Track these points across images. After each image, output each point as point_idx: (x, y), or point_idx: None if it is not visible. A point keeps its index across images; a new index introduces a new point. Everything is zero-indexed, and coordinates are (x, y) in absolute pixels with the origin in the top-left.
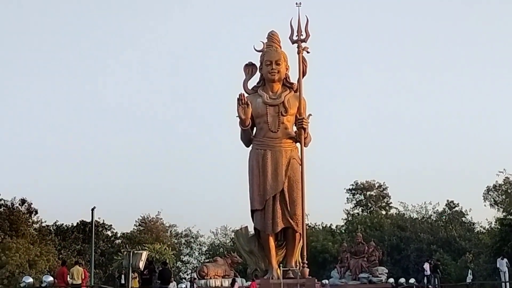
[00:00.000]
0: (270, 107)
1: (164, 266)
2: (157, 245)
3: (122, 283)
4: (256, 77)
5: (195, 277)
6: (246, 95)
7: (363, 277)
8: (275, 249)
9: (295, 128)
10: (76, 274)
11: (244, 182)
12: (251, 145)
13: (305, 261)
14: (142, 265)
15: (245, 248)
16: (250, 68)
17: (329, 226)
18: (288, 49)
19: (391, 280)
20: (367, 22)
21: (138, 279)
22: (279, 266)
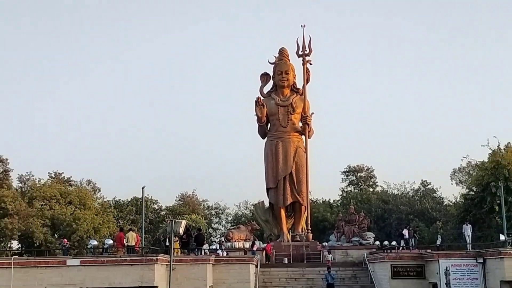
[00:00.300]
0: (281, 107)
1: (199, 231)
2: (193, 215)
3: (166, 245)
4: (270, 84)
5: (223, 240)
6: (262, 98)
7: (355, 240)
8: (286, 218)
9: (301, 124)
10: (131, 238)
11: (260, 166)
12: (266, 137)
13: (309, 228)
14: (181, 231)
15: (262, 218)
16: (265, 77)
17: (327, 201)
18: (295, 61)
19: (377, 242)
20: (356, 41)
21: (178, 242)
22: (288, 232)
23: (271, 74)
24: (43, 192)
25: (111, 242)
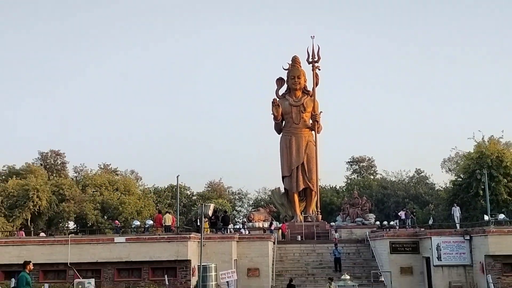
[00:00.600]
0: (294, 107)
1: (225, 213)
2: (219, 200)
3: (197, 225)
4: (284, 87)
5: (245, 221)
6: (277, 99)
7: (358, 220)
8: (298, 202)
9: (311, 121)
10: (168, 219)
11: (276, 158)
12: (281, 133)
13: (318, 210)
14: (210, 213)
15: (278, 202)
16: (280, 81)
17: (334, 187)
18: (306, 67)
19: (377, 222)
20: (357, 47)
21: (208, 222)
22: (301, 213)
23: (285, 79)
24: (94, 180)
25: (151, 222)
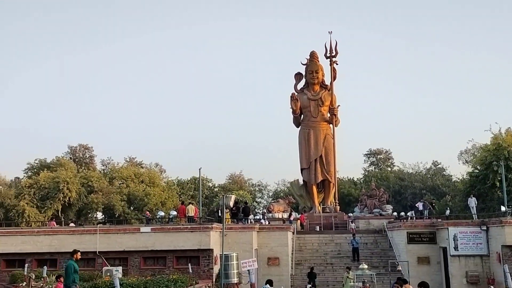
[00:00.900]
0: (312, 101)
1: (245, 204)
2: (240, 191)
3: (219, 215)
4: (303, 81)
5: (265, 211)
6: (296, 94)
7: (376, 211)
8: (317, 193)
9: (329, 115)
10: (191, 210)
11: (295, 151)
12: (300, 126)
13: (336, 201)
14: (231, 204)
15: (297, 193)
16: (298, 76)
17: (352, 178)
18: (323, 62)
19: (395, 213)
20: (375, 43)
21: (229, 213)
22: (319, 204)
23: (304, 73)
24: (121, 173)
25: (175, 213)
